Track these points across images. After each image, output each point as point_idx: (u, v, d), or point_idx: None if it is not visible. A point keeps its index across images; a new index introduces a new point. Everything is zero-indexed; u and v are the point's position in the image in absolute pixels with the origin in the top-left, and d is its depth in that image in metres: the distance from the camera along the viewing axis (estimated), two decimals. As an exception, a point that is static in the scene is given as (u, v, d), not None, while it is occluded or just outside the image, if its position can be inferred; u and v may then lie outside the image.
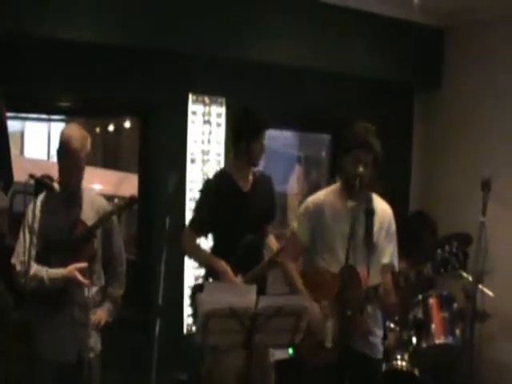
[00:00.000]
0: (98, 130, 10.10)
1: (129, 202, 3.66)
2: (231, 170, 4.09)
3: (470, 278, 4.47)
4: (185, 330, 4.99)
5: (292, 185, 8.19)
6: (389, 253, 3.68)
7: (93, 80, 4.74)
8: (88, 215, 3.65)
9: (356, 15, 5.62)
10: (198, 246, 4.13)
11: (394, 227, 3.73)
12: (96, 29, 4.50)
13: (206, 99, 5.20)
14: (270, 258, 3.97)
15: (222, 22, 4.97)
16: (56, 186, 3.52)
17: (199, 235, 4.12)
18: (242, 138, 4.02)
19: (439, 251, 3.30)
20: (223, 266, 3.85)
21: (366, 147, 3.55)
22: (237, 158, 4.10)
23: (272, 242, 4.22)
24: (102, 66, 4.76)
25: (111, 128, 9.88)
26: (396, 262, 3.70)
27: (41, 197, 3.56)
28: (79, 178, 3.62)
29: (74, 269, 3.46)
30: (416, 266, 3.44)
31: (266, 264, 3.97)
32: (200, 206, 4.11)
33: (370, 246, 3.57)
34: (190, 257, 4.35)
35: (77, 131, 3.60)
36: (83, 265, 3.49)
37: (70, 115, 6.43)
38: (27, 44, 4.38)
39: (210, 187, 4.09)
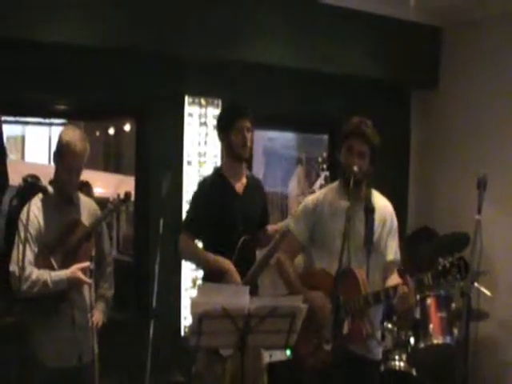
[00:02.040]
0: (98, 133, 10.13)
1: (124, 198, 3.63)
2: (225, 171, 4.00)
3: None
4: (182, 332, 4.99)
5: (293, 186, 8.18)
6: (392, 249, 3.62)
7: (91, 83, 4.77)
8: (83, 217, 3.64)
9: (352, 15, 5.62)
10: (197, 247, 3.93)
11: (395, 222, 3.67)
12: (94, 33, 4.53)
13: (202, 101, 5.20)
14: (265, 254, 3.84)
15: (218, 25, 4.97)
16: (50, 188, 3.52)
17: (195, 237, 3.92)
18: (221, 133, 3.97)
19: (440, 260, 3.25)
20: (228, 264, 3.75)
21: (360, 136, 3.51)
22: (225, 156, 4.05)
23: (272, 228, 4.14)
24: (99, 70, 4.79)
25: (111, 131, 9.92)
26: (399, 258, 3.65)
27: (35, 200, 3.52)
28: (77, 181, 3.60)
29: (76, 269, 3.43)
30: (417, 274, 3.40)
31: (261, 261, 3.85)
32: (195, 206, 3.96)
33: (369, 246, 3.52)
34: (189, 259, 4.11)
35: (78, 134, 3.57)
36: (86, 264, 3.46)
37: (68, 118, 6.45)
38: (27, 49, 4.41)
39: (205, 187, 3.97)
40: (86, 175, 7.66)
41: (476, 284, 4.48)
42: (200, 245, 3.97)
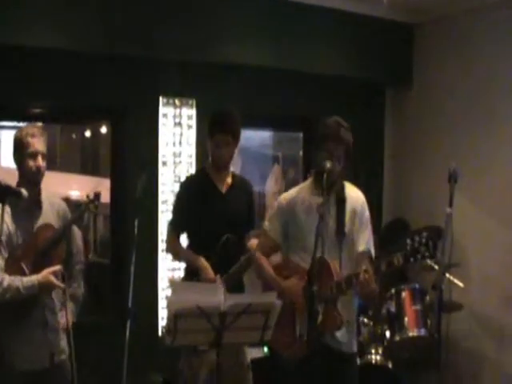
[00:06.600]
0: (74, 136, 10.07)
1: (93, 197, 3.61)
2: (209, 169, 4.12)
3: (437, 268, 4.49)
4: (159, 332, 5.01)
5: (270, 184, 8.19)
6: (364, 239, 3.65)
7: (65, 86, 4.78)
8: (49, 217, 3.60)
9: (325, 13, 5.64)
10: (179, 245, 4.14)
11: (367, 213, 3.70)
12: (69, 36, 4.55)
13: (177, 101, 5.22)
14: (247, 256, 3.94)
15: (193, 25, 5.00)
16: (24, 192, 3.48)
17: (179, 234, 4.14)
18: (207, 136, 4.09)
19: (409, 241, 3.30)
20: (203, 262, 3.88)
21: (337, 139, 3.55)
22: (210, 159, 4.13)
23: (252, 243, 4.15)
24: (74, 72, 4.80)
25: (88, 134, 9.85)
26: (372, 248, 3.68)
27: (5, 205, 3.33)
28: (43, 168, 3.53)
29: (48, 273, 3.41)
30: (386, 257, 3.46)
31: (243, 262, 3.95)
32: (179, 204, 4.15)
33: (341, 237, 3.57)
34: (172, 255, 4.33)
35: (31, 127, 3.58)
36: (57, 268, 3.45)
37: (44, 122, 6.44)
38: (0, 52, 4.40)
39: (190, 185, 4.14)
40: (63, 178, 7.68)
41: (448, 276, 4.53)
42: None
